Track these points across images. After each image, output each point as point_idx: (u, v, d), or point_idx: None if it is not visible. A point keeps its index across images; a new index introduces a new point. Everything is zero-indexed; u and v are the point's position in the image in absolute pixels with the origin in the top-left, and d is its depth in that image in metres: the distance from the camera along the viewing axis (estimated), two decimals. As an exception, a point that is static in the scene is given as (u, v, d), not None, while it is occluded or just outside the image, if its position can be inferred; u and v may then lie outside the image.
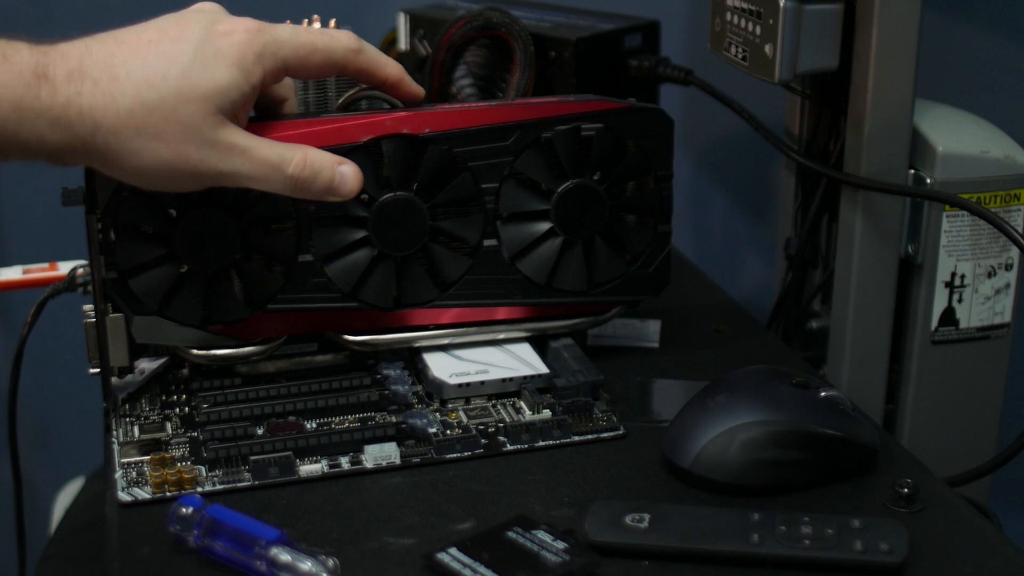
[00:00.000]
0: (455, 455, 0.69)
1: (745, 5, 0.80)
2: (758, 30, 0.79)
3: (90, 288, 0.73)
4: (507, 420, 0.71)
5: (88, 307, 0.71)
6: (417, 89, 0.73)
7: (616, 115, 0.74)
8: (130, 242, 0.69)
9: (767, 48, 0.78)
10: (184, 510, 0.60)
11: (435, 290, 0.74)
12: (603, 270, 0.77)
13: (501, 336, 0.76)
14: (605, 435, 0.71)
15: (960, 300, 0.82)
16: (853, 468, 0.67)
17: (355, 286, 0.73)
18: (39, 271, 0.95)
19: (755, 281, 1.21)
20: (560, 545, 0.59)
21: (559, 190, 0.74)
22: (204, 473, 0.66)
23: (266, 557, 0.58)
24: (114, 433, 0.70)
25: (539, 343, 0.77)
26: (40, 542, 1.05)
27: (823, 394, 0.68)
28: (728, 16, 0.83)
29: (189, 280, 0.70)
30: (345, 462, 0.68)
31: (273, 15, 0.86)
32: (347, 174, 0.69)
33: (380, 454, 0.68)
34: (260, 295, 0.71)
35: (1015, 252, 0.82)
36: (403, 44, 0.99)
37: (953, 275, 0.82)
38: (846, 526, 0.60)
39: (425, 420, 0.70)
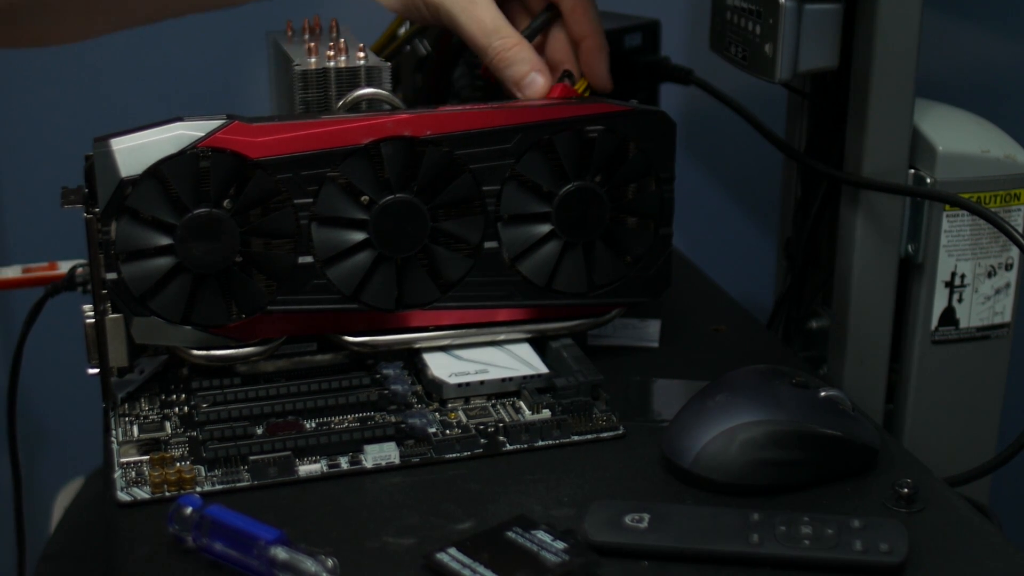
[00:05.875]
0: (454, 455, 0.69)
1: (745, 5, 0.80)
2: (758, 30, 0.79)
3: (90, 287, 0.73)
4: (507, 420, 0.71)
5: (88, 307, 0.71)
6: (603, 78, 0.79)
7: (618, 118, 0.74)
8: (131, 226, 0.69)
9: (767, 48, 0.78)
10: (183, 510, 0.60)
11: (436, 291, 0.74)
12: (604, 272, 0.77)
13: (501, 337, 0.76)
14: (605, 435, 0.71)
15: (960, 300, 0.82)
16: (853, 468, 0.67)
17: (356, 288, 0.73)
18: (39, 270, 0.95)
19: (755, 281, 1.21)
20: (560, 545, 0.59)
21: (560, 192, 0.74)
22: (203, 473, 0.67)
23: (265, 557, 0.58)
24: (113, 433, 0.70)
25: (538, 343, 0.77)
26: (40, 542, 1.05)
27: (823, 394, 0.68)
28: (728, 16, 0.83)
29: (180, 276, 0.70)
30: (344, 462, 0.68)
31: (273, 14, 0.86)
32: (537, 83, 0.75)
33: (379, 454, 0.68)
34: (247, 304, 0.71)
35: (1015, 252, 0.82)
36: (403, 44, 0.99)
37: (953, 275, 0.82)
38: (846, 526, 0.60)
39: (424, 420, 0.70)
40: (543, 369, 0.74)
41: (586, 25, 0.79)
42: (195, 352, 0.72)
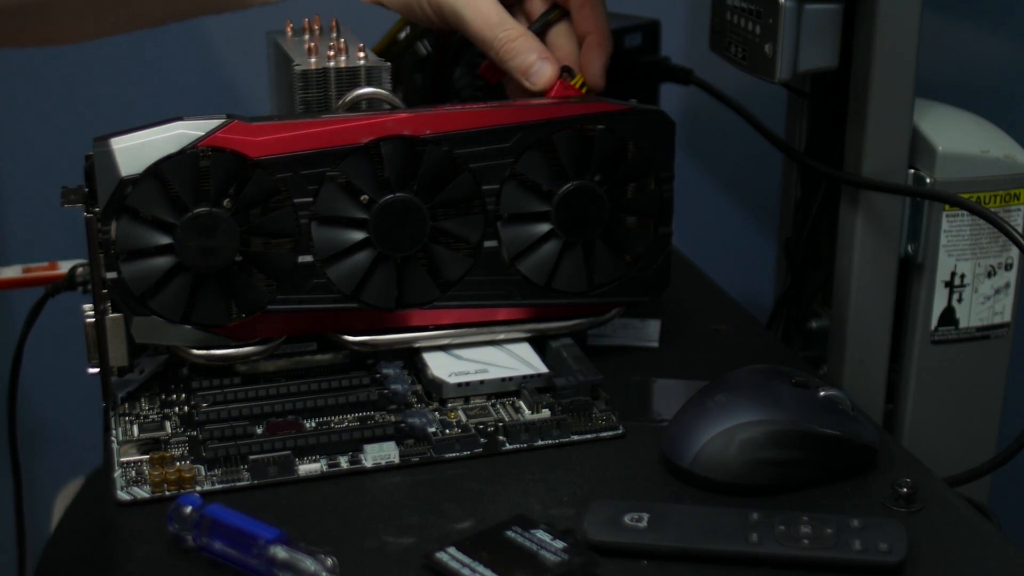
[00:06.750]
0: (454, 454, 0.69)
1: (745, 5, 0.80)
2: (758, 30, 0.79)
3: (90, 287, 0.73)
4: (506, 419, 0.71)
5: (88, 307, 0.71)
6: (596, 76, 0.79)
7: (617, 117, 0.74)
8: (131, 225, 0.69)
9: (767, 48, 0.78)
10: (183, 509, 0.60)
11: (436, 291, 0.74)
12: (603, 271, 0.77)
13: (501, 336, 0.76)
14: (604, 434, 0.71)
15: (960, 300, 0.82)
16: (853, 468, 0.67)
17: (356, 287, 0.73)
18: (39, 270, 0.95)
19: (755, 281, 1.21)
20: (559, 544, 0.59)
21: (560, 192, 0.74)
22: (203, 472, 0.67)
23: (265, 556, 0.58)
24: (113, 432, 0.70)
25: (538, 343, 0.77)
26: (40, 542, 1.05)
27: (823, 394, 0.68)
28: (728, 16, 0.83)
29: (180, 276, 0.70)
30: (344, 461, 0.68)
31: (273, 14, 0.86)
32: (544, 71, 0.75)
33: (379, 453, 0.68)
34: (247, 303, 0.71)
35: (1015, 252, 0.82)
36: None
37: (953, 275, 0.82)
38: (845, 526, 0.60)
39: (424, 419, 0.70)
40: (543, 369, 0.74)
41: (592, 22, 0.79)
42: (195, 352, 0.72)
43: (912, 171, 0.81)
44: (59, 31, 0.82)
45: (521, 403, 0.73)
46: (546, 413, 0.72)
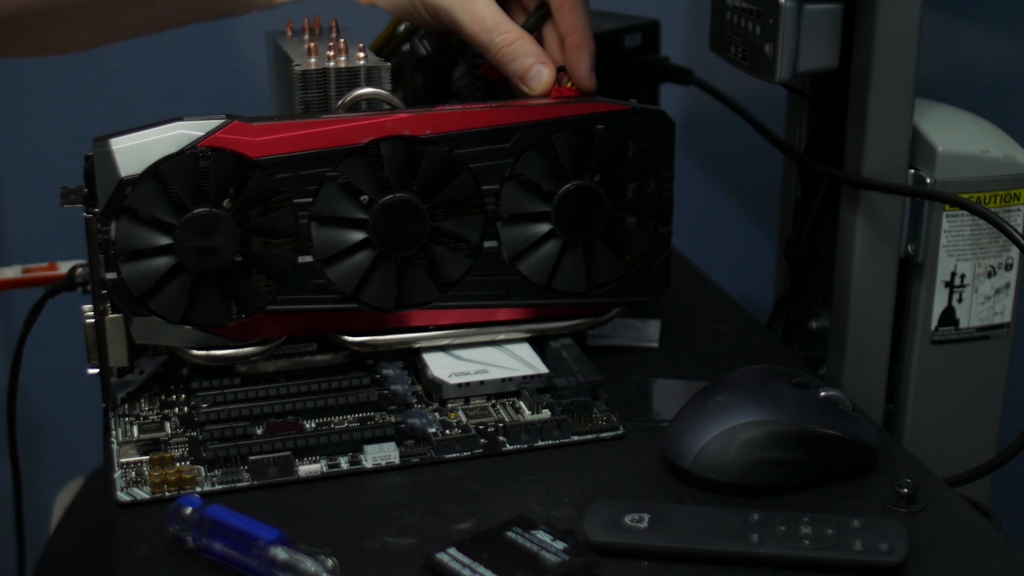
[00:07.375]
0: (454, 455, 0.69)
1: (745, 5, 0.80)
2: (758, 30, 0.79)
3: (90, 288, 0.73)
4: (506, 420, 0.71)
5: (88, 307, 0.71)
6: (584, 78, 0.78)
7: (617, 117, 0.74)
8: (131, 226, 0.69)
9: (767, 48, 0.78)
10: (183, 510, 0.60)
11: (435, 291, 0.74)
12: (603, 271, 0.77)
13: (501, 337, 0.76)
14: (604, 435, 0.71)
15: (960, 300, 0.82)
16: (853, 468, 0.67)
17: (356, 288, 0.73)
18: (39, 270, 0.95)
19: (755, 281, 1.21)
20: (559, 545, 0.59)
21: (560, 192, 0.74)
22: (203, 473, 0.67)
23: (265, 557, 0.58)
24: (113, 433, 0.70)
25: (538, 343, 0.77)
26: (40, 542, 1.05)
27: (823, 394, 0.68)
28: (728, 16, 0.83)
29: (180, 276, 0.70)
30: (344, 462, 0.68)
31: (274, 14, 0.86)
32: (543, 75, 0.75)
33: (379, 454, 0.68)
34: (247, 304, 0.71)
35: (1015, 252, 0.82)
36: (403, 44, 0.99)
37: (953, 275, 0.82)
38: (846, 526, 0.60)
39: (424, 420, 0.70)
40: (543, 369, 0.74)
41: (571, 21, 0.78)
42: (195, 352, 0.72)
43: (912, 171, 0.81)
44: (54, 41, 0.82)
45: (521, 403, 0.73)
46: (546, 414, 0.72)
